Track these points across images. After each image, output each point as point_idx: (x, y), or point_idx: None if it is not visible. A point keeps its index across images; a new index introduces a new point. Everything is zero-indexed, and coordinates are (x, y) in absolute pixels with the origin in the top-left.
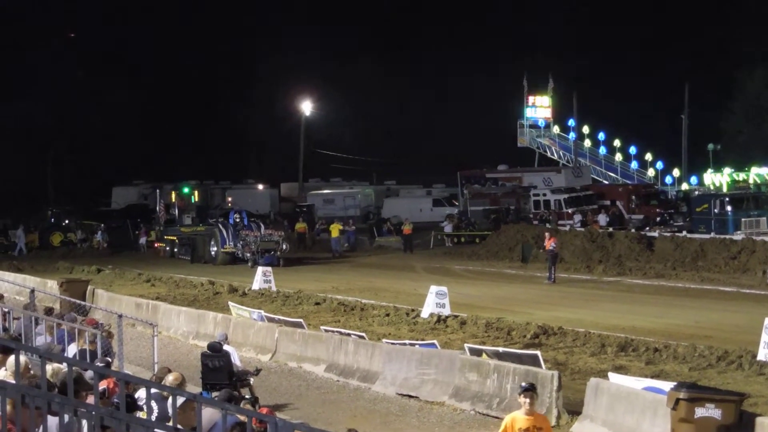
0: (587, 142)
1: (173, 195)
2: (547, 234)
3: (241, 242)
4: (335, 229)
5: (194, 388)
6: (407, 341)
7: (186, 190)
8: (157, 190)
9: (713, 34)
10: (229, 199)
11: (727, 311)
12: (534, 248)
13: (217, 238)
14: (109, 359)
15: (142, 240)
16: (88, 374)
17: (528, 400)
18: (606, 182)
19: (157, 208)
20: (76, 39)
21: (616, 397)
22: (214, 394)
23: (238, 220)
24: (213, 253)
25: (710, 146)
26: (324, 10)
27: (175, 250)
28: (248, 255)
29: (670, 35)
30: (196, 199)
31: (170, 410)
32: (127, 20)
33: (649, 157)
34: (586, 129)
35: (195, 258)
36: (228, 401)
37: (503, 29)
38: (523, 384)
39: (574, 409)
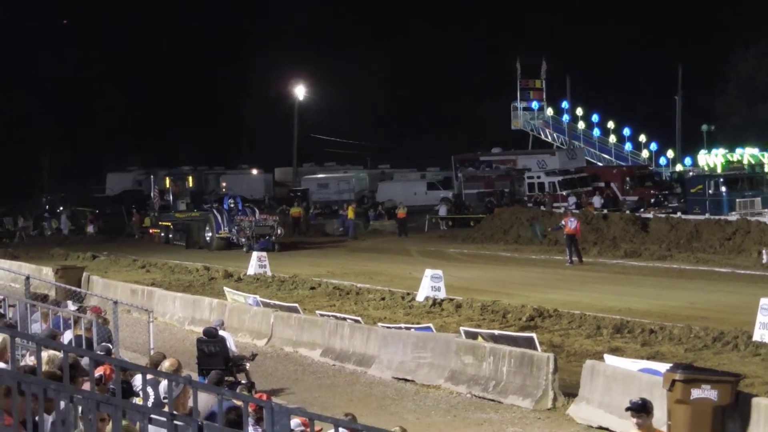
0: (581, 124)
1: (167, 181)
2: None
3: (235, 227)
4: (351, 211)
5: (190, 373)
6: (403, 325)
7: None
8: (152, 176)
9: (707, 15)
10: (224, 184)
11: (722, 292)
12: (543, 227)
13: (212, 223)
14: (110, 346)
15: (90, 228)
16: (85, 360)
17: (638, 420)
18: (600, 164)
19: (152, 194)
20: (70, 27)
21: (612, 379)
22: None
23: (232, 205)
24: (208, 238)
25: (704, 127)
26: None
27: (170, 236)
28: (243, 240)
29: (664, 16)
30: (191, 185)
31: (162, 394)
32: (121, 7)
33: (643, 138)
34: (579, 111)
35: (190, 244)
36: (218, 383)
37: (496, 12)
38: (632, 400)
39: (570, 391)
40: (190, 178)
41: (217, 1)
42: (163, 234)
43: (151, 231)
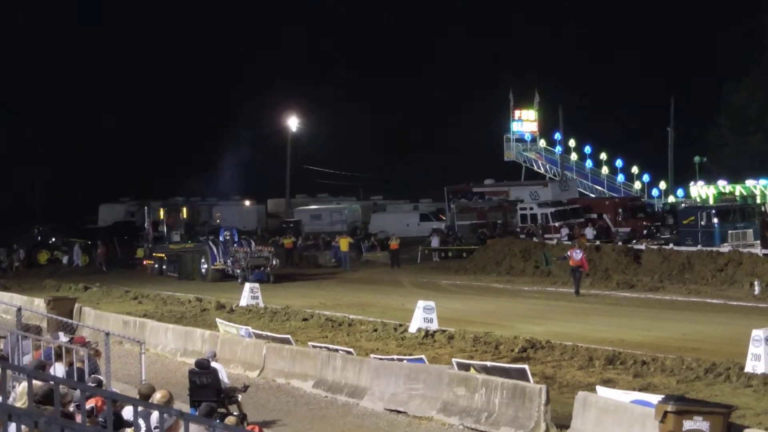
0: (573, 156)
1: (161, 212)
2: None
3: (230, 259)
4: (345, 243)
5: (182, 405)
6: (395, 356)
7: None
8: (146, 207)
9: (699, 47)
10: (218, 214)
11: (714, 323)
12: (551, 254)
13: (208, 255)
14: (102, 378)
15: (65, 260)
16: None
17: None
18: (593, 195)
19: (146, 225)
20: (63, 57)
21: (604, 410)
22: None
23: (228, 237)
24: (203, 270)
25: (696, 159)
26: (309, 26)
27: (164, 267)
28: (238, 271)
29: (656, 48)
30: (185, 216)
31: (153, 425)
32: (115, 40)
33: (635, 170)
34: (572, 142)
35: (182, 275)
36: (209, 415)
37: (489, 43)
38: None
39: (562, 423)
40: (184, 210)
41: (209, 31)
42: (156, 265)
43: (144, 262)
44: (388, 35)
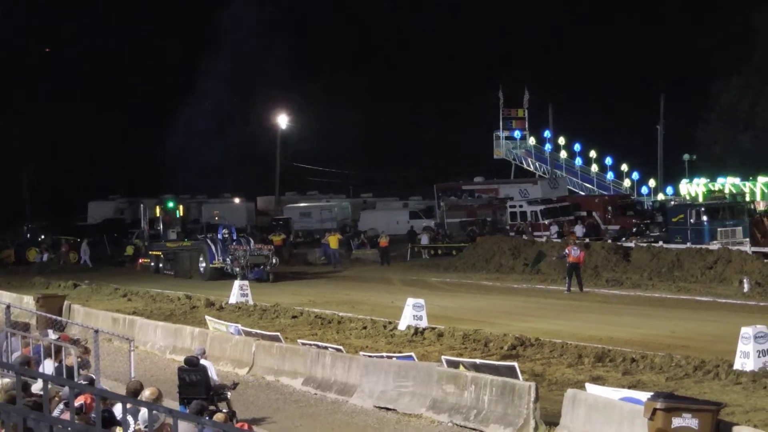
0: (563, 154)
1: (157, 209)
2: (575, 246)
3: (229, 257)
4: (334, 240)
5: (171, 402)
6: (384, 354)
7: (171, 204)
8: (141, 205)
9: (689, 46)
10: (216, 212)
11: (703, 321)
12: (545, 256)
13: (206, 253)
14: (93, 377)
15: (44, 257)
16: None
17: None
18: (582, 193)
19: (142, 223)
20: (52, 57)
21: (593, 407)
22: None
23: (227, 235)
24: (202, 268)
25: (686, 156)
26: (300, 24)
27: (161, 265)
28: (237, 270)
29: (646, 46)
30: (181, 214)
31: (141, 423)
32: (102, 40)
33: (624, 167)
34: (561, 140)
35: (180, 273)
36: (199, 413)
37: (479, 42)
38: None
39: (551, 420)
40: (181, 207)
41: (198, 31)
42: (153, 264)
43: (140, 261)
44: (379, 33)
